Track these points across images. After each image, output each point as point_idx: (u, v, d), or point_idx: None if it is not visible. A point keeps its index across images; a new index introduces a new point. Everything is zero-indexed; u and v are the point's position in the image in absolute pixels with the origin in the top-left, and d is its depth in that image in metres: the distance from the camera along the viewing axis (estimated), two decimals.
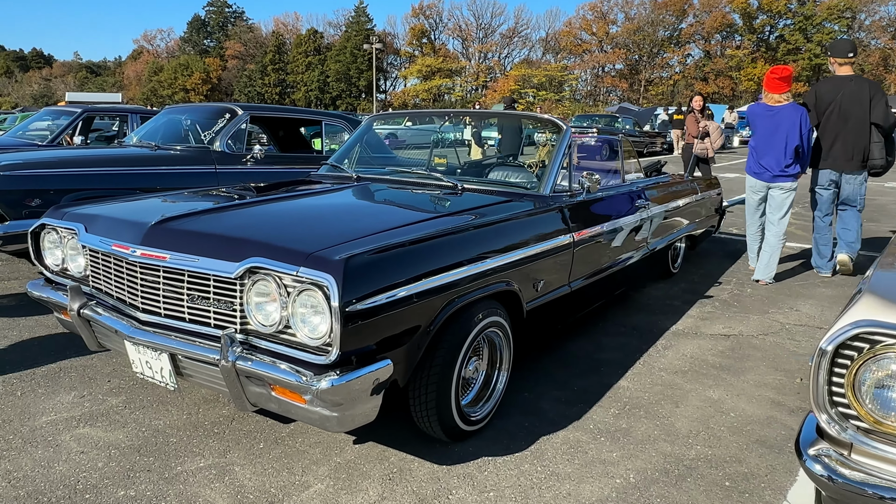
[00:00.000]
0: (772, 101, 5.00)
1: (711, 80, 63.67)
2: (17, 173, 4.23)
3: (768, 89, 5.03)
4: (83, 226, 2.68)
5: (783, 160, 4.92)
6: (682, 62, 68.37)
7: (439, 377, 2.34)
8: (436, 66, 70.95)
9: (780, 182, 5.01)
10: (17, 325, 3.96)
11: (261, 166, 5.50)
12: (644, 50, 67.80)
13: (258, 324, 2.11)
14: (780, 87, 4.94)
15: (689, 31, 67.07)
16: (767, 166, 5.02)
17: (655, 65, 68.59)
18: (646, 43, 67.28)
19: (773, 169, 4.99)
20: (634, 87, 68.46)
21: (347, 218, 2.69)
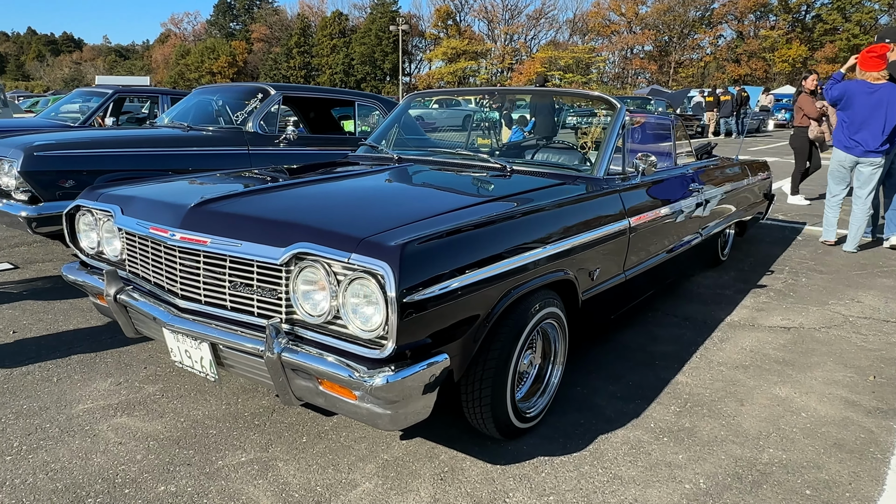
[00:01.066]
0: (871, 78, 5.19)
1: (744, 62, 61.95)
2: (50, 153, 4.15)
3: (866, 68, 5.22)
4: (119, 208, 2.56)
5: (880, 137, 5.15)
6: (714, 43, 66.64)
7: (494, 372, 2.18)
8: (461, 48, 70.20)
9: (870, 157, 5.25)
10: (51, 308, 3.90)
11: (293, 147, 5.37)
12: (674, 31, 66.21)
13: (305, 314, 1.97)
14: (879, 65, 5.14)
15: (721, 11, 65.21)
16: (861, 141, 5.23)
17: (686, 46, 66.94)
18: (676, 24, 65.69)
19: (867, 144, 5.22)
20: (664, 70, 66.98)
21: (395, 201, 2.53)
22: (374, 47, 71.40)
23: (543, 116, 5.05)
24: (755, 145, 17.71)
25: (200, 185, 2.82)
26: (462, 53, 70.55)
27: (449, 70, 69.61)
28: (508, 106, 7.17)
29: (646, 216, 3.17)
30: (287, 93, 5.50)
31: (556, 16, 77.18)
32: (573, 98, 3.85)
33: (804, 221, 6.90)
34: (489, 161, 3.15)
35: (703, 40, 66.97)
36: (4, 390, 2.80)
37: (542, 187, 2.75)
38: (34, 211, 4.09)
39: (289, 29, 76.49)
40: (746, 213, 5.15)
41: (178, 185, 2.85)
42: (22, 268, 4.80)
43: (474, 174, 3.06)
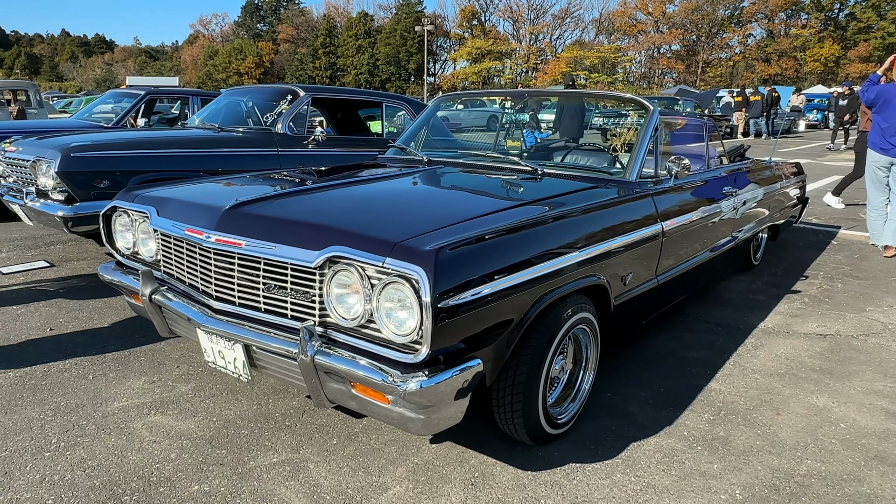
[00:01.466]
0: None
1: (774, 62, 60.83)
2: (86, 154, 4.23)
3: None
4: (155, 209, 2.60)
5: None
6: (743, 42, 65.53)
7: (527, 377, 2.16)
8: (486, 48, 70.09)
9: None
10: (86, 306, 3.98)
11: (322, 149, 5.40)
12: (703, 30, 65.28)
13: (339, 317, 1.97)
14: None
15: (751, 9, 64.12)
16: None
17: (714, 45, 65.93)
18: (704, 23, 64.76)
19: None
20: (691, 69, 66.08)
21: (428, 204, 2.53)
22: (398, 47, 71.66)
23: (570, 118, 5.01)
24: (786, 146, 17.37)
25: (234, 187, 2.85)
26: (487, 53, 70.46)
27: (473, 70, 69.54)
28: (535, 107, 7.14)
29: (679, 220, 3.12)
30: (316, 94, 5.54)
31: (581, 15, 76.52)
32: (604, 100, 3.81)
33: (839, 225, 6.74)
34: (520, 164, 3.13)
35: (731, 39, 65.91)
36: (43, 387, 2.86)
37: (574, 191, 2.72)
38: (70, 211, 4.18)
39: (315, 30, 77.16)
40: (780, 216, 5.05)
41: (212, 187, 2.88)
42: (57, 266, 4.90)
43: (505, 177, 3.05)
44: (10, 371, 3.00)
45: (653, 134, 3.17)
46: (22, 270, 4.75)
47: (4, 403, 2.70)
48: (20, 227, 6.26)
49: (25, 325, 3.62)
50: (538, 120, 5.93)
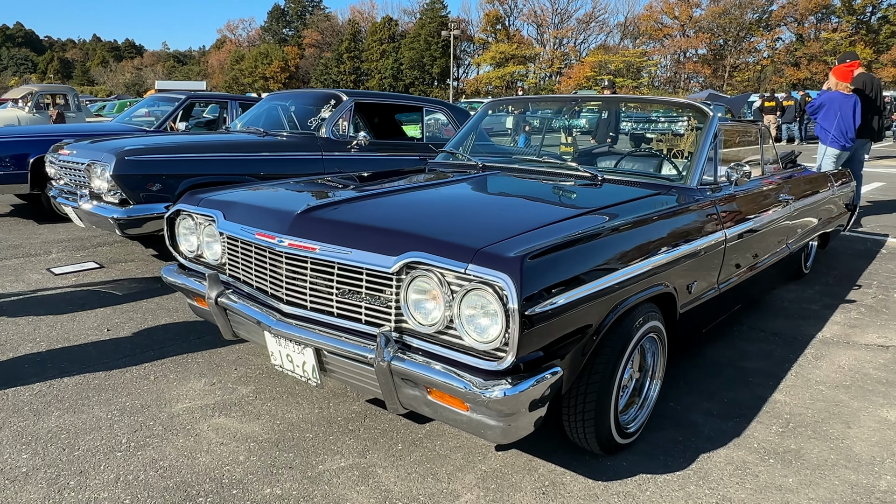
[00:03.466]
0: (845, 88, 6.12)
1: (804, 66, 59.85)
2: (140, 158, 4.30)
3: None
4: (221, 213, 2.63)
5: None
6: (772, 46, 64.58)
7: (599, 386, 2.14)
8: (510, 52, 70.07)
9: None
10: (139, 307, 4.04)
11: (364, 153, 5.44)
12: (730, 34, 64.51)
13: (416, 323, 1.97)
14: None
15: (780, 13, 63.21)
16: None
17: (742, 49, 65.08)
18: (732, 26, 63.99)
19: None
20: (718, 73, 65.31)
21: (497, 210, 2.51)
22: (422, 52, 71.95)
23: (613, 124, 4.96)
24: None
25: (297, 191, 2.87)
26: (510, 58, 70.43)
27: (497, 74, 69.54)
28: (569, 113, 7.09)
29: (740, 228, 3.07)
30: (359, 99, 5.57)
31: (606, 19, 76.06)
32: (660, 105, 3.77)
33: (886, 234, 6.58)
34: (578, 169, 3.11)
35: (759, 43, 65.03)
36: (107, 387, 2.90)
37: (638, 198, 2.69)
38: (124, 213, 4.25)
39: (340, 34, 77.83)
40: (830, 224, 4.95)
41: (275, 191, 2.91)
42: (107, 267, 4.99)
43: (566, 183, 3.03)
44: (73, 372, 3.06)
45: (712, 140, 3.13)
46: (73, 271, 4.84)
47: (72, 403, 2.75)
48: (67, 229, 6.39)
49: (83, 325, 3.68)
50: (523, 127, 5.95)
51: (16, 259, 5.20)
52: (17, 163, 6.47)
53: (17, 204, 7.87)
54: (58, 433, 2.50)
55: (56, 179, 5.24)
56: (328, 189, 2.94)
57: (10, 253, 5.39)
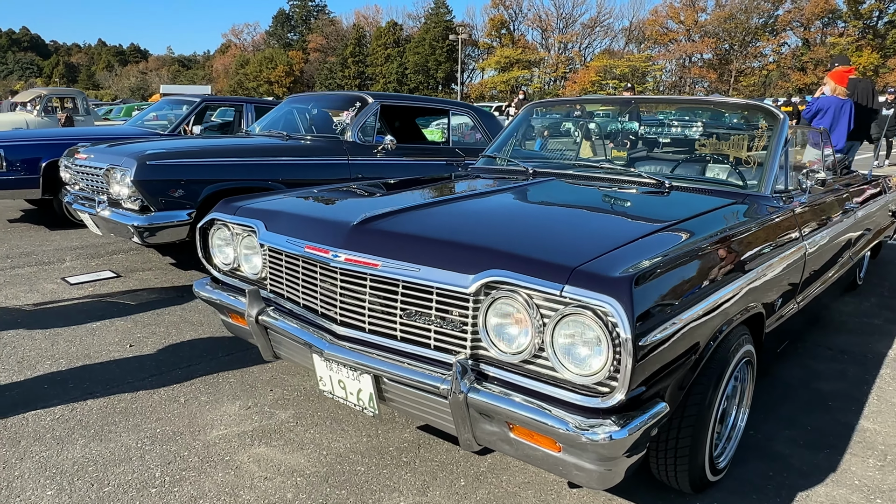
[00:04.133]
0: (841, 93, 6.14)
1: (810, 70, 59.58)
2: (162, 163, 4.09)
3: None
4: (262, 223, 2.40)
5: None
6: (777, 51, 64.36)
7: (696, 419, 1.91)
8: (514, 57, 70.00)
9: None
10: (161, 320, 3.81)
11: (391, 158, 5.21)
12: (736, 38, 64.32)
13: (498, 351, 1.74)
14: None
15: (786, 18, 63.03)
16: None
17: (748, 54, 64.87)
18: (738, 31, 63.81)
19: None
20: (724, 78, 65.09)
21: (573, 222, 2.28)
22: (427, 56, 71.95)
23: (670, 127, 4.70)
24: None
25: (346, 199, 2.65)
26: (515, 62, 70.36)
27: (502, 79, 69.46)
28: (588, 116, 6.87)
29: (817, 239, 2.84)
30: (385, 101, 5.35)
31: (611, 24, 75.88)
32: (725, 107, 3.55)
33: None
34: (642, 176, 2.88)
35: (765, 48, 64.82)
36: (134, 411, 2.68)
37: (718, 208, 2.46)
38: (145, 221, 4.03)
39: (344, 39, 77.85)
40: (884, 232, 4.71)
41: (321, 199, 2.68)
42: (124, 276, 4.77)
43: (629, 191, 2.80)
44: (97, 393, 2.83)
45: (784, 144, 2.90)
46: (89, 281, 4.62)
47: (98, 430, 2.52)
48: (80, 235, 6.18)
49: (103, 340, 3.46)
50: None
51: (29, 267, 4.99)
52: (29, 167, 6.26)
53: (28, 209, 7.67)
54: (84, 465, 2.27)
55: (71, 185, 5.02)
56: (375, 197, 2.71)
57: (23, 261, 5.18)
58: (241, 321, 2.55)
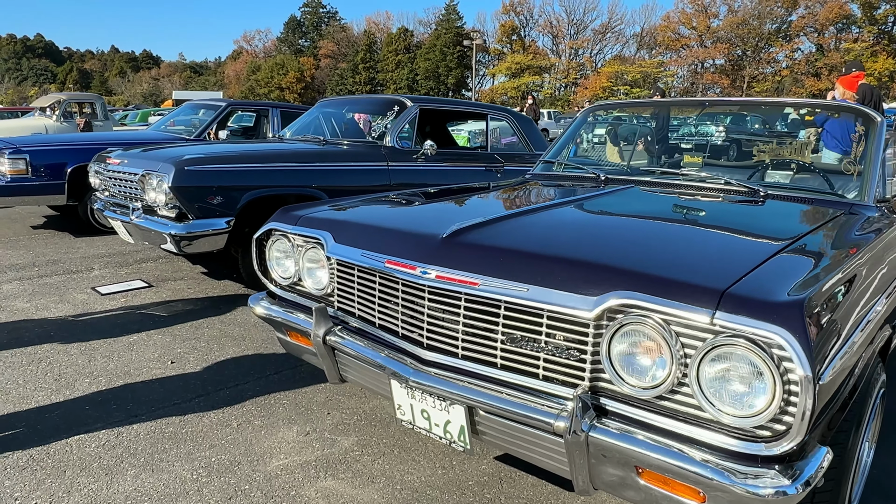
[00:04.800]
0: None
1: (825, 76, 59.08)
2: (201, 168, 3.90)
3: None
4: (330, 234, 2.20)
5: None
6: (791, 57, 63.92)
7: (840, 461, 1.67)
8: (525, 63, 69.96)
9: None
10: (200, 334, 3.62)
11: (431, 163, 5.01)
12: (749, 44, 63.96)
13: (626, 384, 1.52)
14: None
15: (799, 23, 62.64)
16: None
17: (761, 60, 64.44)
18: (751, 37, 63.47)
19: None
20: (736, 84, 64.68)
21: (689, 236, 2.05)
22: (438, 63, 71.99)
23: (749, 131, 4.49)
24: None
25: (420, 208, 2.44)
26: (526, 68, 70.31)
27: (512, 85, 69.36)
28: (615, 122, 6.65)
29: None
30: (424, 105, 5.15)
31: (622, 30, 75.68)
32: (814, 109, 3.32)
33: None
34: (731, 183, 2.65)
35: (779, 54, 64.41)
36: (185, 436, 2.47)
37: (831, 219, 2.23)
38: (182, 229, 3.84)
39: (355, 45, 78.07)
40: None
41: (393, 207, 2.47)
42: (156, 286, 4.59)
43: (718, 198, 2.57)
44: (142, 416, 2.63)
45: (884, 150, 2.67)
46: (120, 291, 4.44)
47: (148, 458, 2.32)
48: (106, 242, 6.02)
49: (142, 356, 3.26)
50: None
51: (57, 276, 4.82)
52: (55, 173, 6.11)
53: (50, 215, 7.53)
54: (138, 500, 2.06)
55: (101, 190, 4.85)
56: (451, 205, 2.50)
57: (51, 269, 5.01)
58: (303, 340, 2.35)
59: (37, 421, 2.57)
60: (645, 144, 3.43)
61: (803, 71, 61.71)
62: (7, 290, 4.41)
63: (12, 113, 16.77)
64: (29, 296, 4.29)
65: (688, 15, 67.07)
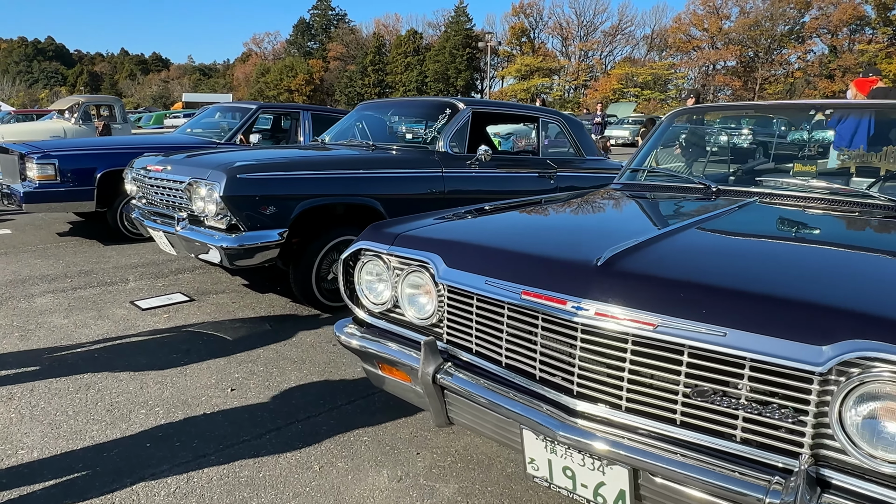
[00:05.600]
0: None
1: (838, 78, 58.51)
2: (254, 176, 3.62)
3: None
4: (440, 257, 1.92)
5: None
6: (803, 59, 63.39)
7: None
8: (535, 65, 69.74)
9: None
10: (256, 357, 3.34)
11: (485, 170, 4.73)
12: (761, 46, 63.46)
13: (865, 457, 1.23)
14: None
15: (812, 24, 62.15)
16: None
17: (773, 61, 63.94)
18: (763, 38, 62.99)
19: None
20: (748, 86, 64.19)
21: (879, 265, 1.76)
22: (447, 65, 71.84)
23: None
24: None
25: (543, 225, 2.15)
26: (535, 70, 70.10)
27: (522, 87, 69.12)
28: (700, 127, 6.34)
29: None
30: (477, 108, 4.87)
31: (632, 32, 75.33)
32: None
33: None
34: (872, 196, 2.35)
35: (791, 55, 63.91)
36: (263, 482, 2.19)
37: None
38: (235, 242, 3.56)
39: (364, 47, 77.96)
40: None
41: (514, 224, 2.18)
42: (198, 300, 4.32)
43: (855, 212, 2.27)
44: (211, 456, 2.35)
45: None
46: (161, 306, 4.18)
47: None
48: (137, 251, 5.76)
49: (198, 382, 2.99)
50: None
51: (91, 288, 4.56)
52: (84, 178, 5.87)
53: (75, 221, 7.30)
54: None
55: (139, 198, 4.59)
56: (575, 221, 2.21)
57: (84, 281, 4.75)
58: (400, 375, 2.07)
59: (95, 461, 2.30)
60: (732, 151, 3.13)
61: (816, 73, 61.19)
62: (42, 305, 4.15)
63: (28, 116, 16.61)
64: (66, 311, 4.03)
65: (699, 16, 66.67)
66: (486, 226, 2.16)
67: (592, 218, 2.36)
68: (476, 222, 2.20)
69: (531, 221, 2.25)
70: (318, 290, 3.96)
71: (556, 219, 2.30)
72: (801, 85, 60.80)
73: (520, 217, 2.30)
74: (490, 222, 2.22)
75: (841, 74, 58.85)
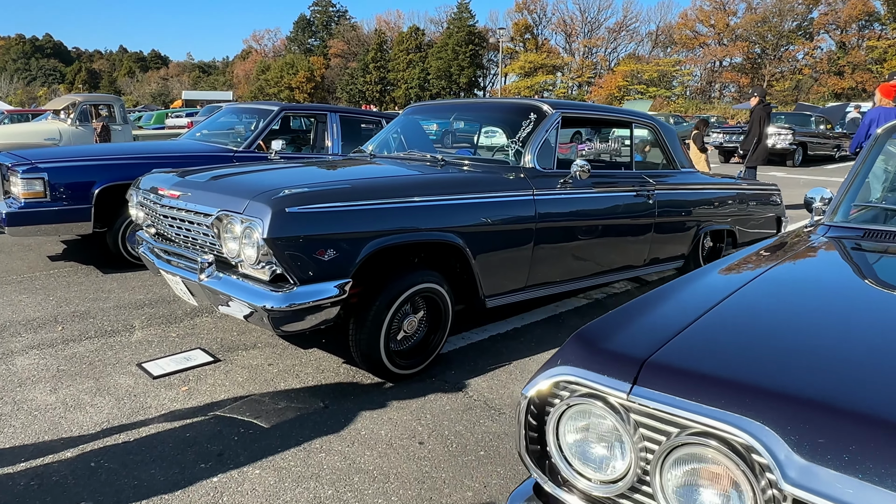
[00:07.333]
0: None
1: (848, 75, 57.54)
2: (308, 209, 2.65)
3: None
4: (777, 435, 0.96)
5: None
6: (811, 55, 62.37)
7: None
8: (538, 62, 68.79)
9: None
10: (316, 467, 2.40)
11: (581, 190, 3.77)
12: (768, 42, 62.49)
13: None
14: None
15: (821, 21, 61.15)
16: None
17: (781, 58, 62.97)
18: (770, 35, 62.00)
19: None
20: (756, 83, 63.18)
21: None
22: (450, 62, 70.80)
23: None
24: None
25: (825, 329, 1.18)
26: (539, 67, 69.14)
27: (525, 84, 68.13)
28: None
29: None
30: (567, 112, 3.90)
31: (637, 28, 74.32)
32: None
33: None
34: None
35: (799, 52, 62.97)
36: None
37: None
38: (284, 301, 2.59)
39: (366, 44, 76.83)
40: None
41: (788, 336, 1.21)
42: (223, 360, 3.36)
43: None
44: None
45: None
46: (179, 370, 3.22)
47: None
48: (142, 282, 4.79)
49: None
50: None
51: (87, 341, 3.60)
52: (79, 195, 4.91)
53: (71, 240, 6.32)
54: None
55: (145, 227, 3.61)
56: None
57: (78, 329, 3.78)
58: None
59: None
60: None
61: (825, 69, 60.21)
62: (23, 369, 3.19)
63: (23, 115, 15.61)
64: (53, 380, 3.07)
65: (706, 12, 65.71)
66: (795, 342, 1.19)
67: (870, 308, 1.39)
68: (762, 329, 1.24)
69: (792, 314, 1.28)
70: (387, 355, 3.00)
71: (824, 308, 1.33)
72: (809, 82, 59.88)
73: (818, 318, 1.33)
74: (790, 330, 1.25)
75: (850, 71, 57.92)
